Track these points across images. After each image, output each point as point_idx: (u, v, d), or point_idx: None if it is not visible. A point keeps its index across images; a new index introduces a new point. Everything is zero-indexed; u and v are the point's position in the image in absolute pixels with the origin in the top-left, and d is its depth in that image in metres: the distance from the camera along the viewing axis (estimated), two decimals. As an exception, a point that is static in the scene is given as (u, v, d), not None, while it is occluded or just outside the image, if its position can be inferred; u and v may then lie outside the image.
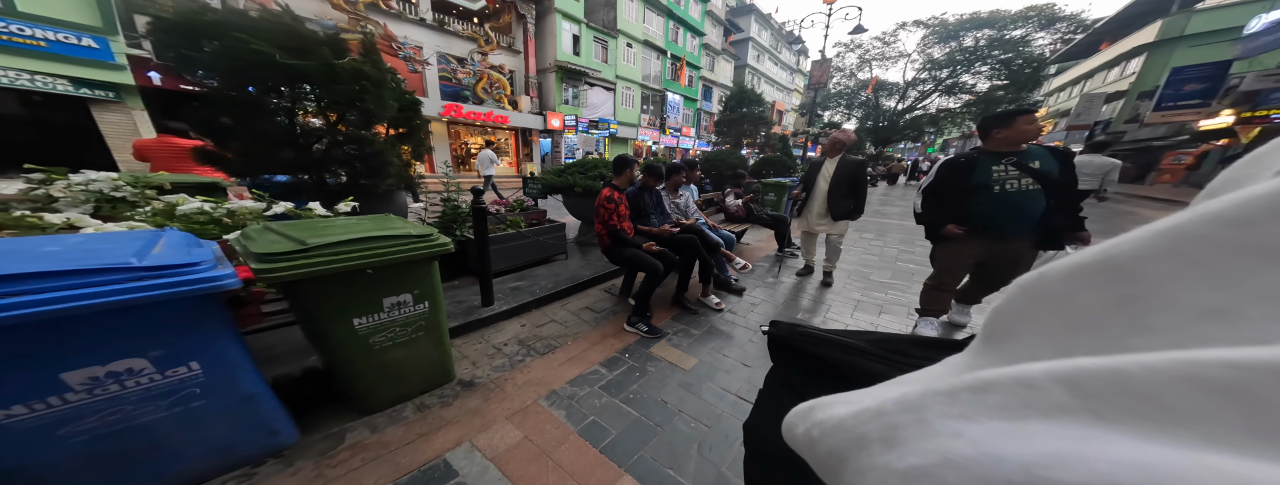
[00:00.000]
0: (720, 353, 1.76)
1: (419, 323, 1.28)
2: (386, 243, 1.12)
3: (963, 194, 1.62)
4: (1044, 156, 1.55)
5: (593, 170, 3.45)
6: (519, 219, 2.79)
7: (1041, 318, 0.14)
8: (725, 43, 23.32)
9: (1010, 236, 1.61)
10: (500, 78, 13.12)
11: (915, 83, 16.95)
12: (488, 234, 1.95)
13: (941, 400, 0.13)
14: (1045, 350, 0.13)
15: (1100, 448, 0.09)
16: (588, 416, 1.34)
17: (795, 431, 0.20)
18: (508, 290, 2.33)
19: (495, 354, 1.75)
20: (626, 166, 2.17)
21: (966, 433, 0.12)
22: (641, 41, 16.59)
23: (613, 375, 1.58)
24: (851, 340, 0.44)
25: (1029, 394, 0.11)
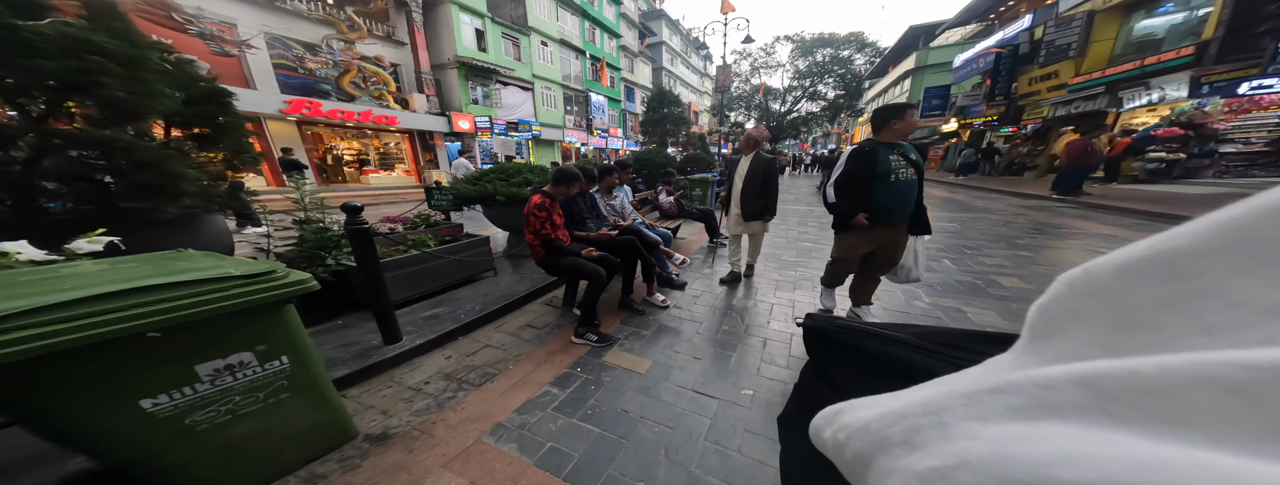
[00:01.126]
0: (672, 350, 1.79)
1: (276, 383, 0.99)
2: (178, 293, 0.80)
3: (867, 183, 1.66)
4: (911, 149, 1.68)
5: (517, 176, 3.15)
6: (425, 237, 2.39)
7: (1089, 315, 0.13)
8: (641, 46, 24.04)
9: (898, 223, 1.72)
10: (378, 72, 11.04)
11: (790, 89, 20.50)
12: (378, 259, 1.62)
13: (962, 402, 0.13)
14: (1092, 350, 0.12)
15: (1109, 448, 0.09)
16: (544, 444, 1.22)
17: (822, 435, 0.20)
18: (420, 321, 1.99)
19: (414, 396, 1.48)
20: (570, 180, 2.02)
21: (983, 434, 0.11)
22: (557, 40, 16.02)
23: (566, 393, 1.48)
24: (896, 333, 0.42)
25: (1046, 395, 0.11)
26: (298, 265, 1.84)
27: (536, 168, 3.43)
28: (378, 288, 1.63)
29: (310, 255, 1.92)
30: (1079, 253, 3.40)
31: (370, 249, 1.57)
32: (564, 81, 16.86)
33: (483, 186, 3.00)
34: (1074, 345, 0.13)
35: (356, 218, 1.54)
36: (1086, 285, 0.13)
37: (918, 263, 1.78)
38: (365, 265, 1.58)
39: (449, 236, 2.65)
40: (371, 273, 1.60)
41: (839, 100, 19.40)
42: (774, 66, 21.31)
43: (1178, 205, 4.80)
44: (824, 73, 19.28)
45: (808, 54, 19.60)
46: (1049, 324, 0.15)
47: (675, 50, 27.80)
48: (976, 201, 6.72)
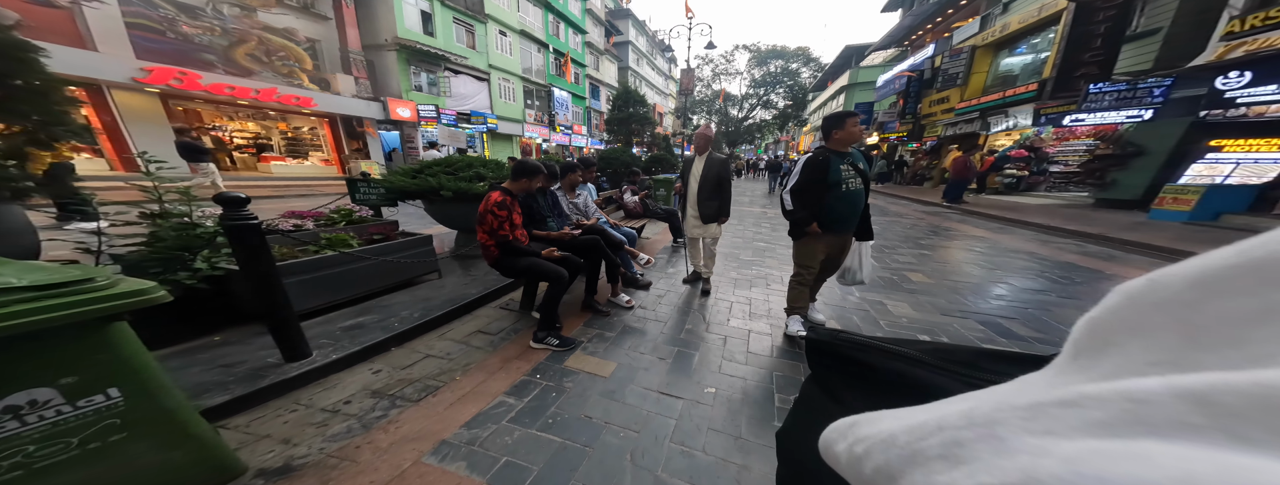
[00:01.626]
0: (637, 351, 1.76)
1: (102, 423, 0.76)
2: None
3: (821, 191, 1.65)
4: (860, 157, 1.68)
5: (466, 170, 2.88)
6: (345, 236, 2.08)
7: (1155, 330, 0.12)
8: (607, 43, 23.72)
9: (847, 230, 1.74)
10: (288, 46, 9.45)
11: (747, 97, 21.98)
12: (273, 261, 1.35)
13: (1020, 415, 0.12)
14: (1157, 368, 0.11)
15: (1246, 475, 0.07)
16: (499, 459, 1.11)
17: (834, 448, 0.18)
18: (338, 332, 1.72)
19: (329, 419, 1.27)
20: (530, 173, 1.86)
21: (1056, 451, 0.10)
22: (518, 31, 15.17)
23: (523, 403, 1.37)
24: (905, 349, 0.40)
25: (1140, 410, 0.10)
26: (147, 271, 1.43)
27: (491, 162, 3.17)
28: (272, 296, 1.35)
29: (167, 258, 1.52)
30: (961, 251, 3.98)
31: (260, 250, 1.29)
32: (524, 74, 16.01)
33: (424, 180, 2.67)
34: (1133, 363, 0.12)
35: (238, 211, 1.24)
36: (1152, 297, 0.12)
37: (862, 266, 1.80)
38: (253, 269, 1.29)
39: (379, 235, 2.33)
40: (263, 278, 1.32)
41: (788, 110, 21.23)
42: (733, 74, 22.63)
43: (1023, 213, 5.90)
44: (776, 83, 20.99)
45: (763, 64, 21.18)
46: (1101, 339, 0.13)
47: (641, 51, 27.88)
48: (890, 207, 7.69)
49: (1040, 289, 2.76)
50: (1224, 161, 4.67)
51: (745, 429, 1.24)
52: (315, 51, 10.29)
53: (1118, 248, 4.00)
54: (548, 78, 17.33)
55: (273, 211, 2.02)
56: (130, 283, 0.73)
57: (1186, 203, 4.66)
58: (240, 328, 1.71)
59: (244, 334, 1.66)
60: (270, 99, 9.03)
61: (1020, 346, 1.89)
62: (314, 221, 2.32)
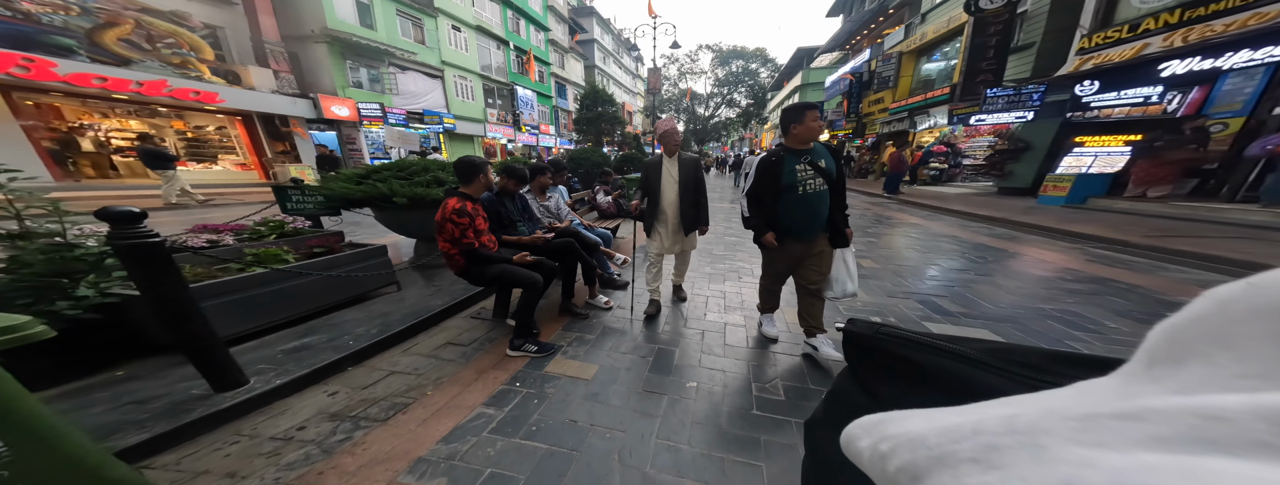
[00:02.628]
0: (618, 352, 1.75)
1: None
2: None
3: (775, 195, 1.49)
4: (825, 154, 1.47)
5: (421, 174, 2.65)
6: (277, 250, 1.84)
7: (1250, 340, 0.10)
8: (572, 42, 23.12)
9: (811, 237, 1.53)
10: (178, 31, 7.99)
11: (712, 95, 22.71)
12: (183, 283, 1.16)
13: (1070, 425, 0.11)
14: (1247, 382, 0.10)
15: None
16: (482, 471, 1.06)
17: (857, 444, 0.18)
18: (279, 356, 1.53)
19: (282, 447, 1.14)
20: (476, 171, 1.72)
21: (1102, 462, 0.09)
22: (474, 27, 14.26)
23: (504, 412, 1.31)
24: (959, 347, 0.36)
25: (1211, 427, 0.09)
26: (13, 303, 1.18)
27: (449, 165, 2.96)
28: (187, 322, 1.16)
29: (37, 286, 1.24)
30: (901, 237, 4.39)
31: (165, 271, 1.10)
32: (484, 72, 15.12)
33: (371, 186, 2.42)
34: (1220, 376, 0.11)
35: (131, 228, 1.04)
36: (1248, 303, 0.11)
37: (851, 275, 1.53)
38: (158, 294, 1.11)
39: (321, 248, 2.08)
40: (172, 303, 1.13)
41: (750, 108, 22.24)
42: (698, 73, 23.17)
43: (946, 201, 6.66)
44: (738, 82, 21.84)
45: (725, 63, 21.91)
46: (1183, 348, 0.12)
47: (607, 49, 27.53)
48: (843, 198, 8.50)
49: (962, 268, 3.15)
50: (1086, 154, 5.64)
51: (726, 421, 1.28)
52: (217, 40, 8.82)
53: (1018, 229, 4.66)
54: (510, 76, 16.52)
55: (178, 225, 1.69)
56: (1, 318, 0.60)
57: (1062, 189, 5.58)
58: (149, 360, 1.45)
59: (154, 366, 1.42)
60: (159, 93, 7.55)
61: (951, 321, 2.09)
62: (233, 235, 2.01)
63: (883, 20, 12.32)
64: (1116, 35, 5.29)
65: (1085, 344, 1.82)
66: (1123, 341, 1.84)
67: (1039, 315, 2.14)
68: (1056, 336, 1.88)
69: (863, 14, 12.85)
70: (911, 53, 10.57)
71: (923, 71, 10.53)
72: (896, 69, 11.04)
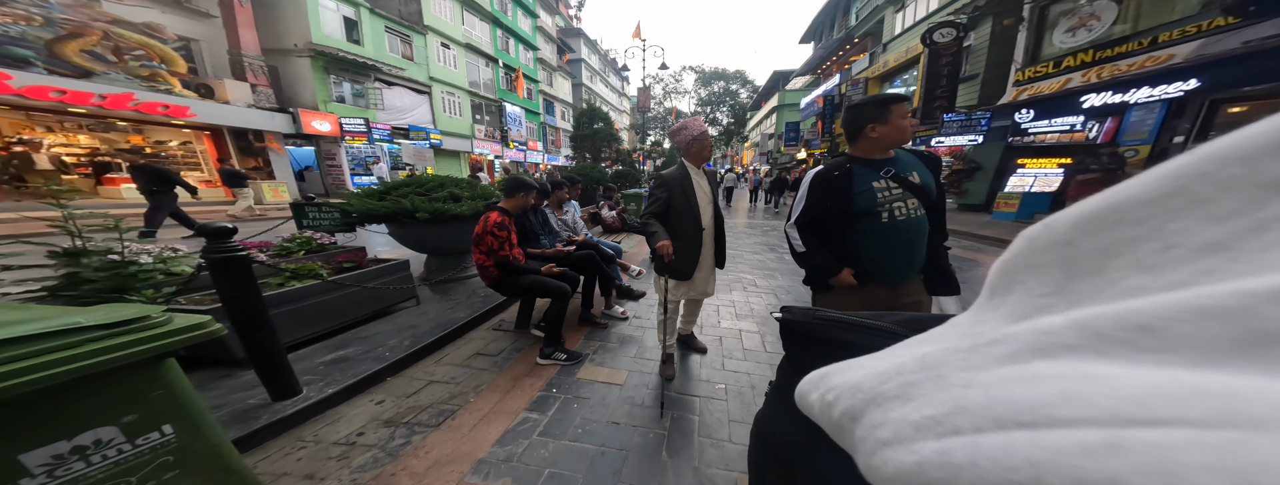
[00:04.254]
0: (642, 358, 1.84)
1: (158, 461, 0.70)
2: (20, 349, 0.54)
3: (843, 224, 1.06)
4: (918, 165, 1.05)
5: (439, 190, 2.73)
6: (313, 265, 1.89)
7: (1046, 267, 0.13)
8: (560, 61, 23.93)
9: (899, 282, 1.07)
10: (149, 43, 7.72)
11: (696, 114, 24.00)
12: (260, 296, 1.24)
13: (960, 356, 0.13)
14: (1048, 299, 0.13)
15: (1103, 383, 0.09)
16: (541, 471, 1.12)
17: (809, 398, 0.20)
18: (321, 368, 1.56)
19: (349, 451, 1.17)
20: (522, 188, 1.88)
21: (976, 381, 0.12)
22: (463, 44, 14.59)
23: (548, 416, 1.38)
24: (879, 322, 0.39)
25: (1040, 339, 0.11)
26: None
27: (463, 181, 3.04)
28: (261, 332, 1.22)
29: (97, 301, 1.24)
30: None
31: (249, 283, 1.17)
32: (472, 88, 15.31)
33: (394, 201, 2.48)
34: (1031, 296, 0.13)
35: (224, 243, 1.14)
36: (1047, 238, 0.14)
37: None
38: (240, 305, 1.17)
39: (350, 263, 2.11)
40: (253, 314, 1.19)
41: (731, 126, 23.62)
42: (682, 92, 24.55)
43: None
44: (719, 102, 23.23)
45: (708, 84, 23.36)
46: (1009, 278, 0.15)
47: (594, 69, 28.46)
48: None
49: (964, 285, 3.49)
50: (1028, 175, 6.43)
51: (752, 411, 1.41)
52: (192, 53, 8.59)
53: (979, 241, 5.19)
54: (498, 92, 16.81)
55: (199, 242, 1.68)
56: (183, 318, 0.69)
57: (1012, 206, 6.29)
58: (196, 372, 1.45)
59: (203, 378, 1.42)
60: (123, 107, 7.14)
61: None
62: (264, 252, 2.01)
63: (849, 48, 13.69)
64: (1044, 70, 6.23)
65: None
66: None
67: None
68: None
69: (832, 42, 14.25)
70: (876, 78, 11.76)
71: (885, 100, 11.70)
72: (863, 93, 12.22)
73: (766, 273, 3.50)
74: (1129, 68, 4.91)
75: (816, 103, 15.32)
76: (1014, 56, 6.87)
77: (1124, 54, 5.08)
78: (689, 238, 1.47)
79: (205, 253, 1.12)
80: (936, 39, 7.63)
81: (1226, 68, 4.13)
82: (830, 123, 14.45)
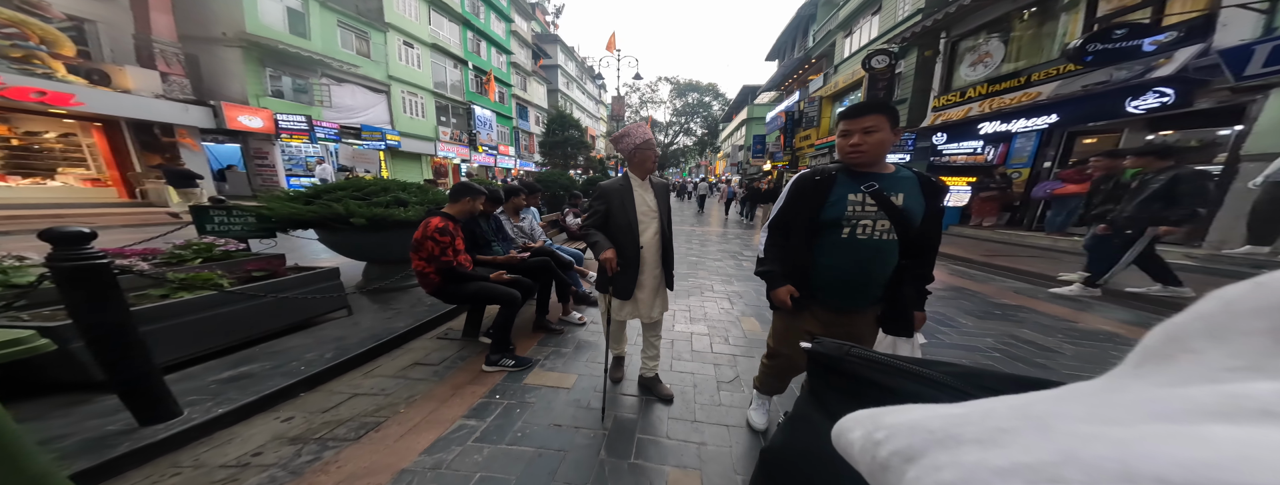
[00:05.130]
0: (595, 362, 1.87)
1: None
2: None
3: (809, 232, 1.00)
4: (909, 187, 0.94)
5: (381, 195, 2.59)
6: (210, 274, 1.71)
7: (1246, 334, 0.11)
8: (535, 66, 23.70)
9: (853, 307, 1.01)
10: (28, 22, 6.70)
11: (671, 124, 24.80)
12: (127, 308, 1.11)
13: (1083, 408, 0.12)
14: (1235, 371, 0.11)
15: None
16: (472, 476, 1.11)
17: (850, 435, 0.18)
18: (213, 386, 1.42)
19: (240, 473, 1.09)
20: (467, 194, 1.86)
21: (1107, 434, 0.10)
22: (429, 44, 14.03)
23: (487, 423, 1.36)
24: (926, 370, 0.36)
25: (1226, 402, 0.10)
26: None
27: (410, 186, 2.92)
28: (127, 351, 1.08)
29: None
30: None
31: (110, 296, 1.04)
32: (437, 89, 14.69)
33: (325, 206, 2.29)
34: (1208, 368, 0.11)
35: (78, 249, 0.99)
36: (1253, 302, 0.11)
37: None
38: (99, 320, 1.03)
39: (261, 271, 1.94)
40: (116, 330, 1.06)
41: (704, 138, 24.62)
42: (658, 102, 25.28)
43: None
44: (693, 113, 24.18)
45: (682, 95, 24.25)
46: (1177, 344, 0.12)
47: (571, 75, 28.43)
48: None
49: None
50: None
51: (700, 413, 1.47)
52: (86, 35, 7.48)
53: None
54: (467, 95, 16.26)
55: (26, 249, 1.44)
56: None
57: None
58: (35, 401, 1.25)
59: (44, 406, 1.23)
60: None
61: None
62: (146, 260, 1.78)
63: (807, 68, 14.98)
64: (954, 99, 7.29)
65: (946, 335, 2.35)
66: (971, 334, 2.36)
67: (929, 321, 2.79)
68: (927, 331, 2.42)
69: (792, 61, 15.52)
70: (828, 97, 12.95)
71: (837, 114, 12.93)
72: (819, 110, 13.37)
73: (724, 278, 3.67)
74: (1011, 101, 5.91)
75: (780, 117, 16.47)
76: (933, 84, 7.96)
77: (1008, 89, 6.12)
78: (626, 256, 1.32)
79: (49, 260, 0.97)
80: (874, 65, 8.63)
81: (1075, 106, 5.12)
82: (791, 137, 15.60)
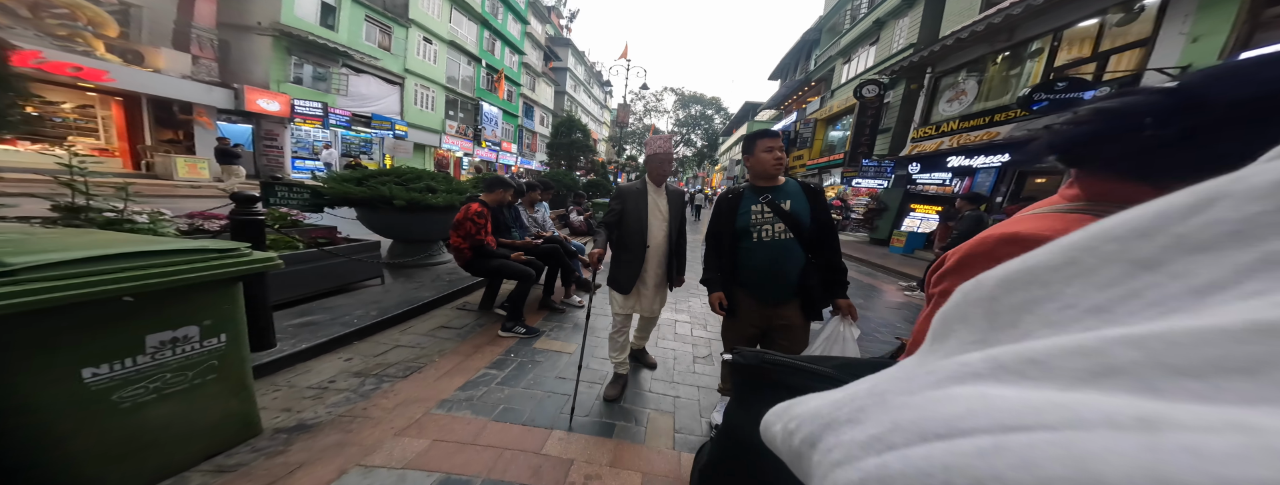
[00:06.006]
0: (593, 336, 2.16)
1: (207, 363, 0.94)
2: (154, 262, 0.81)
3: (734, 239, 1.20)
4: (796, 194, 1.16)
5: (416, 182, 2.93)
6: (288, 237, 2.08)
7: (974, 318, 0.16)
8: (545, 67, 24.19)
9: (774, 299, 1.18)
10: (80, 4, 7.05)
11: (673, 134, 25.41)
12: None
13: (901, 383, 0.16)
14: (971, 346, 0.15)
15: (994, 400, 0.12)
16: (498, 406, 1.42)
17: (773, 429, 0.21)
18: (292, 328, 1.73)
19: (322, 394, 1.38)
20: (501, 186, 2.24)
21: (910, 402, 0.14)
22: (447, 41, 14.44)
23: (504, 373, 1.68)
24: (819, 367, 0.43)
25: (958, 369, 0.14)
26: None
27: (438, 175, 3.25)
28: (260, 287, 1.41)
29: None
30: None
31: (260, 243, 1.44)
32: (449, 84, 15.03)
33: (373, 187, 2.65)
34: (961, 343, 0.16)
35: (250, 208, 1.40)
36: (976, 294, 0.16)
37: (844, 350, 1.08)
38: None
39: (323, 239, 2.27)
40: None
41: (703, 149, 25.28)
42: (662, 112, 25.91)
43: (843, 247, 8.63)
44: (695, 124, 24.85)
45: (686, 106, 24.92)
46: (946, 327, 0.17)
47: (579, 79, 28.92)
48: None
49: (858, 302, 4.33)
50: (916, 218, 7.94)
51: (677, 377, 1.81)
52: (130, 18, 7.83)
53: (878, 270, 6.25)
54: (477, 91, 16.59)
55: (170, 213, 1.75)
56: (258, 254, 0.95)
57: (901, 242, 7.75)
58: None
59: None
60: (25, 65, 6.21)
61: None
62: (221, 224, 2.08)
63: (806, 90, 15.76)
64: (930, 131, 7.94)
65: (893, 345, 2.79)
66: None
67: (878, 325, 3.16)
68: (884, 337, 2.80)
69: (793, 82, 16.30)
70: (823, 120, 13.68)
71: (830, 137, 13.67)
72: (813, 132, 14.09)
73: (709, 277, 4.07)
74: (975, 138, 6.54)
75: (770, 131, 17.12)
76: (914, 116, 8.66)
77: (975, 126, 6.76)
78: (633, 252, 1.46)
79: (232, 214, 1.34)
80: (864, 93, 9.31)
81: (1023, 147, 5.71)
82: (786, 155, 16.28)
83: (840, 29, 12.92)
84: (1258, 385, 0.08)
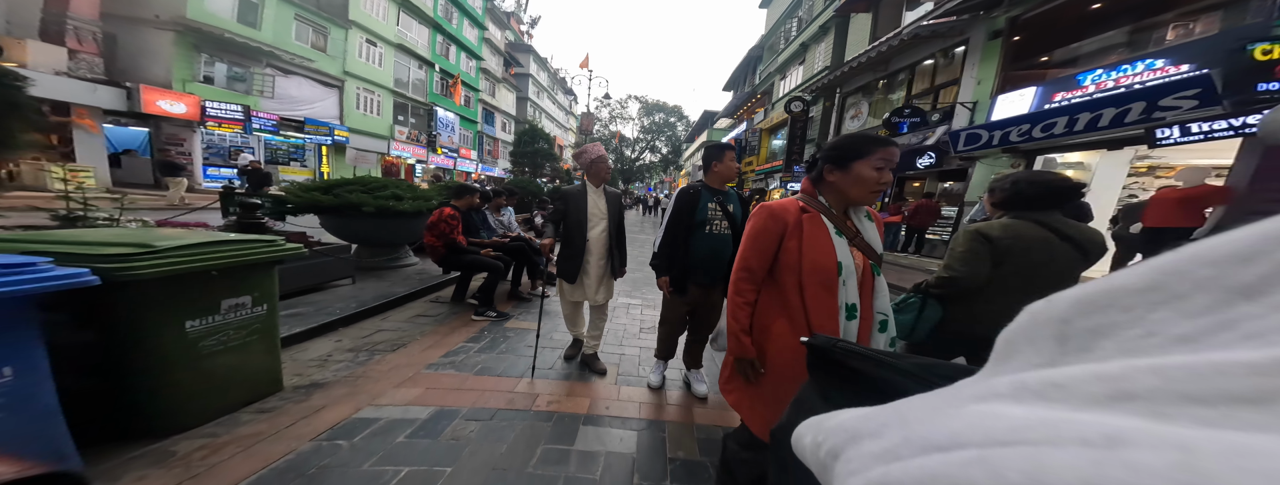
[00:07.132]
0: (554, 321, 2.56)
1: (253, 326, 1.27)
2: (229, 247, 1.17)
3: (686, 231, 1.46)
4: (736, 201, 1.48)
5: (381, 191, 3.14)
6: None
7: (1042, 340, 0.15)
8: (506, 73, 23.74)
9: (710, 282, 1.48)
10: None
11: (638, 140, 26.25)
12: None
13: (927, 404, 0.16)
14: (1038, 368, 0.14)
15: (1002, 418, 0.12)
16: (477, 364, 1.80)
17: (804, 440, 0.22)
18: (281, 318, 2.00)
19: (324, 363, 1.69)
20: (468, 192, 2.64)
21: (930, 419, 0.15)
22: (393, 44, 13.82)
23: (480, 345, 2.04)
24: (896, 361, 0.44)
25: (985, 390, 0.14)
26: None
27: (403, 184, 3.46)
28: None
29: None
30: None
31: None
32: (397, 88, 14.34)
33: (341, 196, 2.84)
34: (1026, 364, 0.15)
35: (254, 213, 1.75)
36: (1047, 314, 0.15)
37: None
38: None
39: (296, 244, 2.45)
40: None
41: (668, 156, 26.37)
42: (627, 119, 26.57)
43: None
44: (660, 131, 25.87)
45: (650, 114, 25.86)
46: (1010, 348, 0.16)
47: (542, 85, 28.59)
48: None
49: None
50: None
51: (624, 341, 2.25)
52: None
53: None
54: (430, 96, 15.97)
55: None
56: (289, 244, 1.28)
57: None
58: None
59: None
60: None
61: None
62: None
63: (754, 102, 17.33)
64: (849, 144, 9.42)
65: None
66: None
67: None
68: None
69: (742, 94, 17.84)
70: (766, 130, 15.24)
71: (773, 146, 15.28)
72: (759, 141, 15.62)
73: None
74: None
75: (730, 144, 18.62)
76: (830, 130, 10.19)
77: None
78: (575, 247, 1.73)
79: (240, 218, 1.61)
80: (792, 108, 10.74)
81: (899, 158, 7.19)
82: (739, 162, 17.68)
83: (778, 48, 14.58)
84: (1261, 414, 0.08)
